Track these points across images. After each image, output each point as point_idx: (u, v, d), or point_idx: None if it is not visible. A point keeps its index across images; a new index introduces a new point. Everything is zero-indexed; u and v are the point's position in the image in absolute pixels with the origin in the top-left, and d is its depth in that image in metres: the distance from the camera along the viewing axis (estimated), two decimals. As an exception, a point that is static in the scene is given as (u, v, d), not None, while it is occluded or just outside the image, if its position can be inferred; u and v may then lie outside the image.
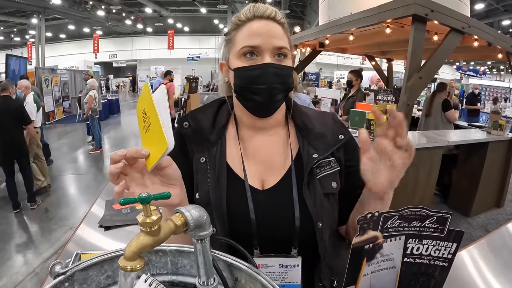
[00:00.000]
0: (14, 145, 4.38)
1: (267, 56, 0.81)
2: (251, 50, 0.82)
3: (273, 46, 0.82)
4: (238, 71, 0.84)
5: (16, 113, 4.37)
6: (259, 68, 0.81)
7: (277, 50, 0.82)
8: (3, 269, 3.25)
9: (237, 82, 0.84)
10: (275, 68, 0.82)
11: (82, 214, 4.08)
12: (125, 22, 27.25)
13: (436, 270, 0.66)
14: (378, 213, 0.55)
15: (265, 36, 0.81)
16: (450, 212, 0.59)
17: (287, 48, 0.84)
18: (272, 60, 0.82)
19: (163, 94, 0.64)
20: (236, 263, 0.61)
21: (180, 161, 0.81)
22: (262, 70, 0.81)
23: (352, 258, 0.58)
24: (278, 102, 0.86)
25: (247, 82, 0.83)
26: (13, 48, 27.62)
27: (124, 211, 1.82)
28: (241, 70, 0.83)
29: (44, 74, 11.65)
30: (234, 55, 0.85)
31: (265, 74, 0.81)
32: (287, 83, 0.85)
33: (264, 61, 0.81)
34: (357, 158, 0.94)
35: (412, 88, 3.17)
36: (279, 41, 0.83)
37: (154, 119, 0.59)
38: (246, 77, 0.83)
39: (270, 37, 0.82)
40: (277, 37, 0.83)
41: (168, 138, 0.56)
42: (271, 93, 0.83)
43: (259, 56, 0.82)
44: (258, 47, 0.81)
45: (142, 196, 0.48)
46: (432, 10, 3.02)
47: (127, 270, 0.46)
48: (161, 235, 0.48)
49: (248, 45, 0.82)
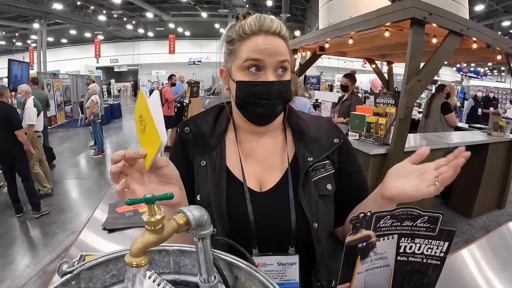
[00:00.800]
0: (6, 151, 4.32)
1: (270, 72, 0.84)
2: (254, 64, 0.84)
3: (276, 61, 0.84)
4: (241, 84, 0.86)
5: (5, 119, 4.27)
6: (262, 85, 0.84)
7: (279, 65, 0.85)
8: (6, 273, 3.27)
9: (239, 95, 0.87)
10: (277, 86, 0.85)
11: (84, 218, 4.12)
12: (126, 27, 27.40)
13: (429, 268, 0.68)
14: (370, 213, 0.58)
15: (270, 52, 0.83)
16: (441, 212, 0.62)
17: (288, 61, 0.86)
18: (274, 76, 0.84)
19: (156, 98, 0.68)
20: (236, 261, 0.63)
21: (182, 164, 0.84)
22: (266, 88, 0.84)
23: (346, 256, 0.60)
24: (278, 113, 0.90)
25: (250, 96, 0.85)
26: (14, 53, 27.78)
27: (127, 214, 1.84)
28: (244, 84, 0.85)
29: (46, 79, 11.72)
30: (237, 67, 0.87)
31: (267, 91, 0.84)
32: (288, 96, 0.88)
33: (267, 77, 0.83)
34: (351, 161, 0.98)
35: (411, 91, 3.19)
36: (282, 56, 0.84)
37: (149, 121, 0.63)
38: (248, 91, 0.85)
39: (275, 54, 0.83)
40: (281, 53, 0.84)
41: (162, 135, 0.60)
42: (272, 107, 0.86)
43: (261, 70, 0.84)
44: (262, 62, 0.83)
45: (147, 197, 0.51)
46: (430, 13, 3.03)
47: (133, 266, 0.49)
48: (164, 233, 0.51)
49: (253, 60, 0.83)
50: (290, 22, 26.65)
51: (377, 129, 3.49)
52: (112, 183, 0.75)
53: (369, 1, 5.01)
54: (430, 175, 0.69)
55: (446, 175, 0.67)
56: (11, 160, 4.42)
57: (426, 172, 0.70)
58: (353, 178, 0.98)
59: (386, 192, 0.75)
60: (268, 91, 0.84)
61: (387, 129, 3.43)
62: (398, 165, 0.76)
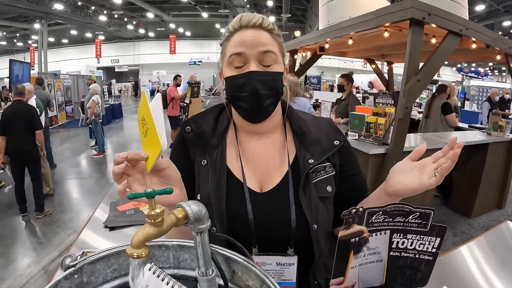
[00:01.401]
0: (24, 151, 4.36)
1: (252, 64, 0.85)
2: (237, 58, 0.85)
3: (258, 51, 0.84)
4: (227, 80, 0.88)
5: (27, 118, 4.35)
6: (244, 76, 0.85)
7: (262, 55, 0.85)
8: (7, 272, 3.29)
9: (228, 91, 0.89)
10: (260, 76, 0.85)
11: (85, 218, 4.13)
12: (127, 27, 27.44)
13: (422, 263, 0.69)
14: (362, 209, 0.59)
15: (250, 43, 0.84)
16: (432, 208, 0.64)
17: (274, 53, 0.87)
18: (257, 67, 0.85)
19: (158, 101, 0.70)
20: (233, 256, 0.65)
21: (182, 164, 0.86)
22: (247, 78, 0.84)
23: (339, 250, 0.62)
24: (268, 107, 0.89)
25: (234, 90, 0.87)
26: (15, 53, 27.83)
27: (128, 212, 1.86)
28: (229, 79, 0.87)
29: (46, 79, 11.73)
30: (225, 65, 0.89)
31: (249, 82, 0.84)
32: (275, 88, 0.88)
33: (250, 69, 0.85)
34: (351, 163, 0.99)
35: (410, 91, 3.20)
36: (264, 46, 0.85)
37: (151, 124, 0.66)
38: (233, 85, 0.87)
39: (255, 44, 0.84)
40: (262, 43, 0.85)
41: (162, 141, 0.62)
42: (257, 100, 0.86)
43: (245, 64, 0.85)
44: (243, 54, 0.85)
45: (148, 191, 0.53)
46: (429, 13, 3.04)
47: (134, 257, 0.52)
48: (164, 226, 0.54)
49: (234, 53, 0.85)
50: (290, 22, 26.66)
51: (377, 129, 3.50)
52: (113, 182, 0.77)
53: (368, 2, 5.03)
54: (430, 168, 0.75)
55: (445, 165, 0.73)
56: (27, 160, 4.45)
57: (426, 165, 0.76)
58: (354, 180, 0.98)
59: (390, 189, 0.79)
60: (249, 81, 0.84)
61: (386, 129, 3.44)
62: (400, 163, 0.81)
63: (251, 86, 0.84)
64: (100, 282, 0.66)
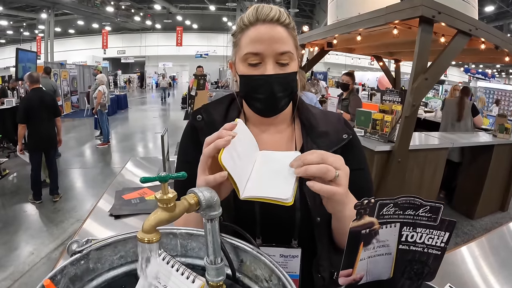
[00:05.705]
0: (47, 137, 4.51)
1: (269, 63, 0.83)
2: (253, 57, 0.83)
3: (276, 52, 0.82)
4: (243, 78, 0.87)
5: (50, 105, 4.52)
6: (261, 79, 0.83)
7: (280, 56, 0.83)
8: (10, 259, 3.31)
9: (242, 89, 0.88)
10: (278, 79, 0.83)
11: (89, 207, 4.15)
12: (134, 19, 27.42)
13: (430, 258, 0.69)
14: (374, 200, 0.59)
15: (268, 42, 0.82)
16: (442, 202, 0.63)
17: (291, 52, 0.85)
18: (274, 67, 0.83)
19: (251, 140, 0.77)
20: (242, 245, 0.65)
21: (192, 153, 0.86)
22: (264, 81, 0.83)
23: (350, 241, 0.62)
24: (283, 106, 0.89)
25: (250, 90, 0.86)
26: (22, 43, 27.87)
27: (134, 201, 1.87)
28: (245, 78, 0.86)
29: (53, 69, 11.75)
30: (239, 59, 0.87)
31: (266, 85, 0.83)
32: (291, 89, 0.87)
33: (267, 69, 0.82)
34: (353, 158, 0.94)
35: (418, 89, 3.19)
36: (282, 46, 0.83)
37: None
38: (249, 85, 0.86)
39: (273, 43, 0.82)
40: (280, 42, 0.82)
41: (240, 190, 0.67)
42: (273, 102, 0.86)
43: (262, 62, 0.83)
44: (260, 54, 0.82)
45: (161, 175, 0.52)
46: (439, 12, 3.02)
47: (144, 242, 0.51)
48: (176, 212, 0.53)
49: (251, 52, 0.83)
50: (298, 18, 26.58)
51: (383, 126, 3.49)
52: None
53: (378, -2, 4.99)
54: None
55: None
56: (50, 145, 4.62)
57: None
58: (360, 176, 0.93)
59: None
60: (267, 85, 0.83)
61: (393, 127, 3.43)
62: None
63: (267, 89, 0.84)
64: (106, 269, 0.66)
